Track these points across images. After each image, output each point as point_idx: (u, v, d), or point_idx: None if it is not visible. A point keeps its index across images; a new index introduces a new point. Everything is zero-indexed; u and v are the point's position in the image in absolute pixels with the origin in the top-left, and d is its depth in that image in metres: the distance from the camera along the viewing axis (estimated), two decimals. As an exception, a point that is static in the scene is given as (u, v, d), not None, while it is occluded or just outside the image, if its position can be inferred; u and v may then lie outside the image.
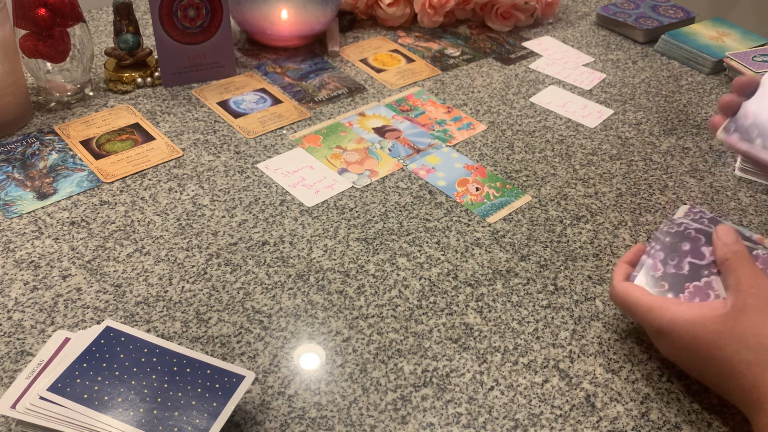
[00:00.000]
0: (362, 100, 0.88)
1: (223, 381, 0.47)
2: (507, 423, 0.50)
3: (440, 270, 0.63)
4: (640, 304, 0.51)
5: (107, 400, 0.44)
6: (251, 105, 0.85)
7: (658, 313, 0.50)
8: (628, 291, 0.53)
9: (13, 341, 0.54)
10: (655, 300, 0.51)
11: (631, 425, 0.50)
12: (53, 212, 0.67)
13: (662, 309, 0.50)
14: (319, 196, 0.71)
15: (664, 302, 0.50)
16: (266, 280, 0.61)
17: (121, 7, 0.83)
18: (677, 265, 0.54)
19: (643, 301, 0.51)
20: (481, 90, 0.92)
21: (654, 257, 0.55)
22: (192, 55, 0.86)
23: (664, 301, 0.51)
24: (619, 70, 0.99)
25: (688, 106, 0.91)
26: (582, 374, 0.54)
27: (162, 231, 0.65)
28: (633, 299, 0.52)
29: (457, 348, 0.55)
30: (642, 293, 0.52)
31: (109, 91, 0.86)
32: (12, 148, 0.74)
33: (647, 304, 0.51)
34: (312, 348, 0.55)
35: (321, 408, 0.50)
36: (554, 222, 0.69)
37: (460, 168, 0.76)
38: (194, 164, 0.74)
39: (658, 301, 0.51)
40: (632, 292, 0.52)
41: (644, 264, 0.55)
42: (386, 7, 1.03)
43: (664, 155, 0.81)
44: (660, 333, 0.50)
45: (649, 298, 0.51)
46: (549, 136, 0.83)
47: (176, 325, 0.56)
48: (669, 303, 0.50)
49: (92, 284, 0.59)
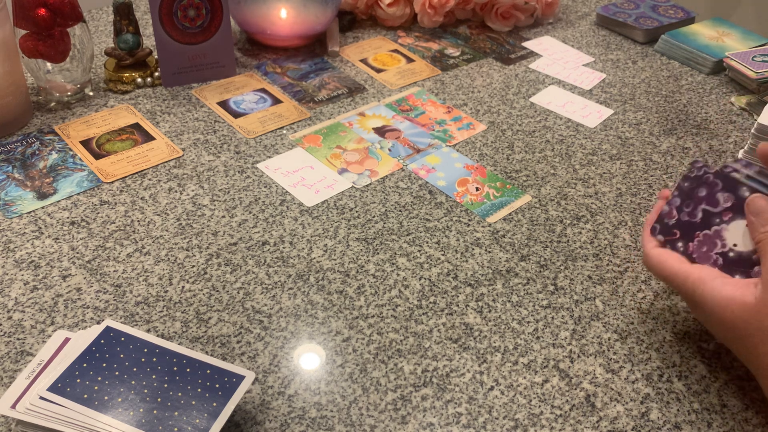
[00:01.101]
0: (362, 100, 0.88)
1: (223, 381, 0.47)
2: (507, 423, 0.50)
3: (440, 270, 0.63)
4: (678, 274, 0.51)
5: (107, 400, 0.44)
6: (251, 105, 0.85)
7: (693, 286, 0.50)
8: (663, 260, 0.53)
9: (13, 341, 0.54)
10: (691, 270, 0.51)
11: (631, 425, 0.50)
12: (53, 212, 0.67)
13: (698, 282, 0.50)
14: (319, 196, 0.71)
15: (701, 273, 0.50)
16: (266, 280, 0.61)
17: (121, 7, 0.83)
18: (691, 212, 0.53)
19: (680, 271, 0.51)
20: (481, 90, 0.92)
21: (671, 203, 0.54)
22: (192, 55, 0.86)
23: (701, 272, 0.50)
24: (619, 70, 0.99)
25: (688, 106, 0.91)
26: (582, 374, 0.54)
27: (162, 231, 0.65)
28: (669, 269, 0.52)
29: (457, 348, 0.55)
30: (678, 262, 0.52)
31: (109, 91, 0.86)
32: (12, 148, 0.74)
33: (684, 274, 0.51)
34: (312, 348, 0.55)
35: (321, 408, 0.50)
36: (554, 222, 0.69)
37: (460, 168, 0.76)
38: (194, 164, 0.74)
39: (695, 272, 0.51)
40: (667, 261, 0.52)
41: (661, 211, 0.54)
42: (386, 7, 1.03)
43: (664, 155, 0.81)
44: (695, 304, 0.51)
45: (685, 267, 0.51)
46: (549, 136, 0.83)
47: (176, 325, 0.56)
48: (705, 275, 0.50)
49: (92, 284, 0.59)
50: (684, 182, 0.55)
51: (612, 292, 0.62)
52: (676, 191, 0.55)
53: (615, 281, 0.63)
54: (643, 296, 0.61)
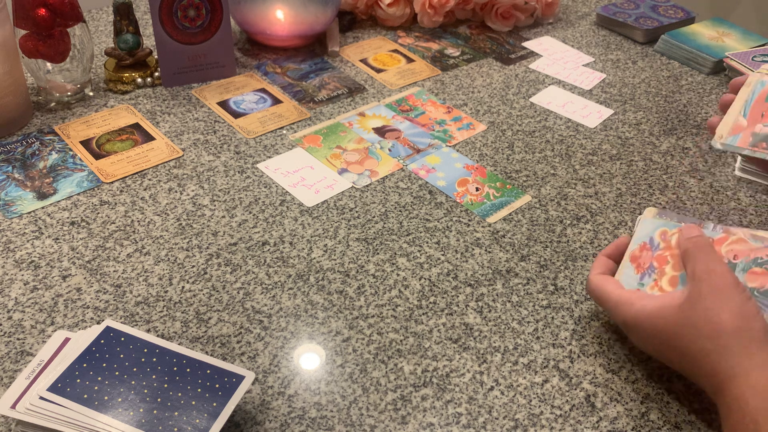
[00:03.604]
0: (362, 100, 0.88)
1: (223, 381, 0.47)
2: (507, 423, 0.50)
3: (440, 270, 0.63)
4: (610, 298, 0.53)
5: (107, 400, 0.44)
6: (251, 105, 0.85)
7: (623, 308, 0.51)
8: (600, 284, 0.54)
9: (13, 341, 0.54)
10: (623, 294, 0.52)
11: (631, 425, 0.50)
12: (53, 212, 0.67)
13: (627, 304, 0.51)
14: (319, 196, 0.71)
15: (630, 296, 0.52)
16: (266, 280, 0.61)
17: (121, 7, 0.83)
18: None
19: (612, 295, 0.53)
20: (481, 90, 0.92)
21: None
22: (192, 55, 0.86)
23: (631, 295, 0.52)
24: (619, 70, 0.99)
25: (688, 106, 0.91)
26: (582, 374, 0.54)
27: (162, 231, 0.65)
28: (603, 293, 0.54)
29: (457, 348, 0.55)
30: (613, 287, 0.53)
31: (109, 91, 0.86)
32: (12, 148, 0.74)
33: (615, 299, 0.52)
34: (312, 348, 0.55)
35: (321, 408, 0.50)
36: (554, 222, 0.69)
37: (460, 168, 0.76)
38: (194, 164, 0.74)
39: (625, 295, 0.52)
40: (603, 286, 0.54)
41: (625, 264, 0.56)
42: (386, 7, 1.03)
43: (664, 155, 0.81)
44: (626, 326, 0.52)
45: (618, 292, 0.53)
46: (549, 136, 0.83)
47: (176, 325, 0.56)
48: (634, 297, 0.51)
49: (92, 284, 0.59)
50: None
51: (612, 292, 0.62)
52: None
53: (615, 281, 0.63)
54: (643, 296, 0.61)
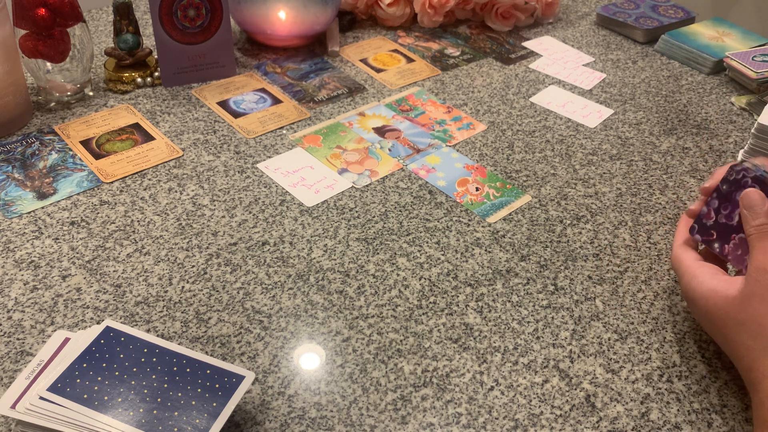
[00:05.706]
0: (362, 100, 0.88)
1: (223, 381, 0.47)
2: (507, 423, 0.50)
3: (440, 270, 0.63)
4: (681, 267, 0.55)
5: (107, 400, 0.44)
6: (251, 105, 0.85)
7: (687, 278, 0.53)
8: (679, 257, 0.56)
9: (13, 341, 0.54)
10: (691, 265, 0.54)
11: (631, 425, 0.50)
12: (53, 212, 0.67)
13: (691, 275, 0.53)
14: (319, 196, 0.71)
15: (698, 269, 0.53)
16: (266, 280, 0.61)
17: (121, 7, 0.83)
18: (728, 215, 0.54)
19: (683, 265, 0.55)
20: (481, 90, 0.92)
21: (709, 204, 0.56)
22: (192, 55, 0.86)
23: (699, 269, 0.53)
24: (619, 70, 0.99)
25: (688, 106, 0.91)
26: (582, 374, 0.54)
27: (162, 231, 0.65)
28: (678, 264, 0.55)
29: (457, 348, 0.55)
30: (689, 259, 0.55)
31: (109, 91, 0.86)
32: (12, 148, 0.74)
33: (684, 268, 0.54)
34: (312, 348, 0.55)
35: (321, 408, 0.50)
36: (554, 222, 0.69)
37: (460, 168, 0.76)
38: (194, 164, 0.74)
39: (694, 266, 0.54)
40: (681, 256, 0.55)
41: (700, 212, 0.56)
42: (386, 7, 1.03)
43: (664, 155, 0.81)
44: (686, 297, 0.54)
45: (690, 263, 0.54)
46: (549, 136, 0.83)
47: (176, 325, 0.56)
48: (700, 271, 0.53)
49: (92, 284, 0.59)
50: (723, 185, 0.55)
51: (612, 292, 0.62)
52: (715, 192, 0.56)
53: (615, 281, 0.63)
54: (643, 296, 0.61)
